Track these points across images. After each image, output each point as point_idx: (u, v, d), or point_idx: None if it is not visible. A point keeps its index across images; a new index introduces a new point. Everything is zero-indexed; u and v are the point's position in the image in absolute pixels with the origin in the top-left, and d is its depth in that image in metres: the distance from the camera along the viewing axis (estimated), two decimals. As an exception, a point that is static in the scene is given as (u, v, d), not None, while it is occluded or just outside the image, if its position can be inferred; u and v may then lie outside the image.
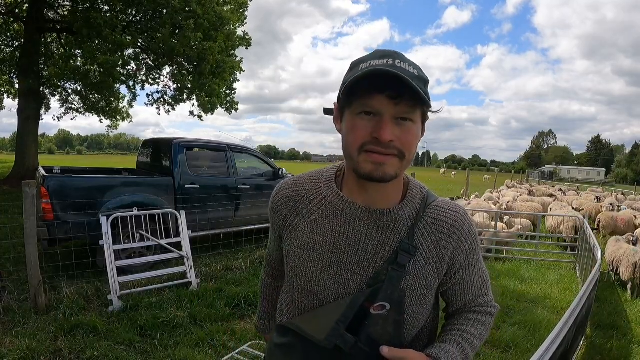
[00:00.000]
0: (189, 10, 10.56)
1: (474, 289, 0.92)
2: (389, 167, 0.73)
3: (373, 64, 0.71)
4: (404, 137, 0.73)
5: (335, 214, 0.83)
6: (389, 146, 0.72)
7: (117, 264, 3.60)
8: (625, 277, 4.60)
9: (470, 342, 0.87)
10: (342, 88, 0.76)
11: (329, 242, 0.82)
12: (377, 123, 0.72)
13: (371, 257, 0.81)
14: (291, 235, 0.88)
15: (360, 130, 0.73)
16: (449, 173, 44.68)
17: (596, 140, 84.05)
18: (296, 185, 0.90)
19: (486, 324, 0.92)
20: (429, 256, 0.82)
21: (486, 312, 0.93)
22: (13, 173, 11.68)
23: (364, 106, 0.72)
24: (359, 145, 0.73)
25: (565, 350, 2.04)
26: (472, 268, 0.89)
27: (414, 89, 0.68)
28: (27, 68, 11.32)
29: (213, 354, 2.81)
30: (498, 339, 3.30)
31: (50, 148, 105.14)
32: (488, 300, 0.94)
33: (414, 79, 0.70)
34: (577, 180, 46.76)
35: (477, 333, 0.89)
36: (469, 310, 0.93)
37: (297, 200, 0.88)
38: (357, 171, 0.76)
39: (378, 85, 0.70)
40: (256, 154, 6.25)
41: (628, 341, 3.47)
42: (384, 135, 0.70)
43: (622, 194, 15.31)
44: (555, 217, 7.12)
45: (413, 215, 0.83)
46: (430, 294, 0.85)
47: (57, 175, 4.62)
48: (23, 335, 2.80)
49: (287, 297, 0.95)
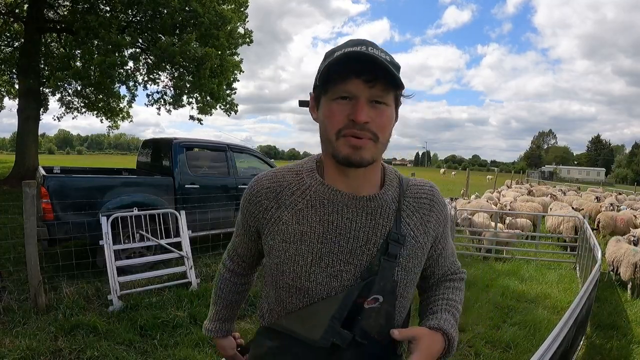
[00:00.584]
0: (189, 10, 10.56)
1: (450, 257, 0.98)
2: (366, 152, 0.75)
3: (347, 51, 0.73)
4: (379, 120, 0.75)
5: (321, 203, 0.81)
6: (364, 128, 0.73)
7: (117, 264, 3.60)
8: (625, 277, 4.60)
9: (456, 308, 0.92)
10: (317, 76, 0.79)
11: (318, 233, 0.80)
12: (353, 106, 0.73)
13: (364, 244, 0.80)
14: (274, 228, 0.83)
15: (338, 114, 0.74)
16: (449, 173, 44.69)
17: (596, 140, 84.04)
18: (276, 176, 0.86)
19: (462, 289, 0.99)
20: (418, 234, 0.85)
21: (460, 279, 1.00)
22: (13, 173, 11.68)
23: (340, 91, 0.74)
24: (336, 130, 0.75)
25: (565, 350, 2.04)
26: (447, 237, 0.95)
27: (389, 71, 0.71)
28: (27, 68, 11.32)
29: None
30: (498, 339, 3.30)
31: (50, 148, 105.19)
32: (458, 266, 1.02)
33: (388, 64, 0.72)
34: (577, 180, 46.74)
35: (458, 299, 0.95)
36: (446, 279, 0.98)
37: (279, 192, 0.84)
38: (335, 155, 0.77)
39: (353, 70, 0.72)
40: (256, 154, 6.25)
41: (628, 341, 3.47)
42: (359, 117, 0.72)
43: (620, 193, 15.30)
44: (555, 217, 7.12)
45: (396, 198, 0.85)
46: (419, 272, 0.88)
47: (57, 175, 4.63)
48: (23, 335, 2.80)
49: (271, 298, 0.90)
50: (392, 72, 0.72)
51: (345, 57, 0.72)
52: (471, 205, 8.38)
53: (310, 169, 0.86)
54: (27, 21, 11.49)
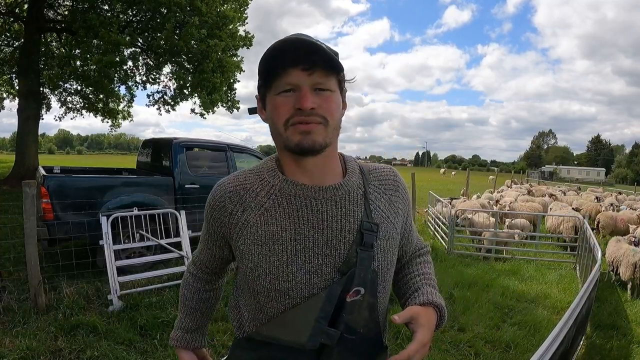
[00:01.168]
0: (192, 8, 10.54)
1: (415, 234, 1.01)
2: (316, 135, 0.75)
3: (278, 42, 0.75)
4: (325, 105, 0.75)
5: (288, 200, 0.79)
6: (311, 113, 0.74)
7: (117, 263, 3.60)
8: (625, 277, 4.60)
9: (433, 280, 0.96)
10: (258, 75, 0.80)
11: (289, 230, 0.78)
12: (297, 96, 0.74)
13: (339, 233, 0.79)
14: (242, 232, 0.81)
15: (283, 106, 0.75)
16: (449, 173, 44.67)
17: (596, 140, 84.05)
18: (238, 179, 0.84)
19: (431, 262, 1.03)
20: (389, 214, 0.87)
21: (427, 252, 1.04)
22: (13, 173, 11.68)
23: (283, 84, 0.75)
24: (284, 121, 0.75)
25: (565, 350, 2.04)
26: (410, 215, 0.98)
27: (324, 53, 0.73)
28: (27, 68, 11.33)
29: (213, 354, 2.81)
30: (498, 339, 3.31)
31: (50, 148, 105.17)
32: (422, 241, 1.06)
33: (320, 44, 0.74)
34: (577, 180, 46.69)
35: (432, 271, 0.99)
36: (415, 255, 1.01)
37: (243, 194, 0.82)
38: (287, 146, 0.77)
39: (291, 59, 0.73)
40: (256, 153, 6.24)
41: (628, 341, 3.47)
42: (304, 103, 0.73)
43: (620, 193, 15.29)
44: (555, 217, 7.12)
45: (361, 184, 0.85)
46: (396, 254, 0.90)
47: (57, 175, 4.63)
48: (23, 335, 2.80)
49: (250, 306, 0.85)
50: (327, 54, 0.73)
51: (279, 47, 0.74)
52: (471, 205, 8.38)
53: (270, 168, 0.84)
54: (27, 21, 11.49)
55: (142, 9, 11.04)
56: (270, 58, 0.75)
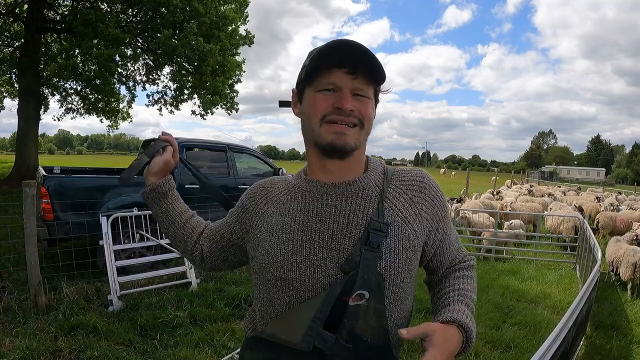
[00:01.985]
0: (190, 9, 10.54)
1: (455, 244, 0.93)
2: (350, 137, 0.78)
3: (330, 43, 0.78)
4: (363, 108, 0.78)
5: (303, 194, 0.85)
6: (350, 115, 0.77)
7: (117, 264, 3.60)
8: (625, 277, 4.61)
9: (469, 297, 0.87)
10: (301, 71, 0.82)
11: (299, 221, 0.82)
12: (338, 96, 0.77)
13: (344, 227, 0.79)
14: (261, 221, 0.88)
15: (322, 102, 0.77)
16: (449, 173, 44.61)
17: (596, 141, 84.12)
18: (272, 180, 0.95)
19: (474, 277, 0.94)
20: (406, 215, 0.81)
21: (469, 266, 0.95)
22: (13, 173, 11.69)
23: (325, 83, 0.77)
24: (320, 117, 0.78)
25: (565, 350, 2.04)
26: (448, 222, 0.91)
27: (371, 58, 0.76)
28: (27, 68, 11.33)
29: (213, 354, 2.81)
30: (498, 339, 3.30)
31: (50, 148, 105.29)
32: (465, 254, 0.97)
33: (368, 51, 0.76)
34: (577, 180, 46.71)
35: (471, 288, 0.90)
36: (454, 269, 0.93)
37: (269, 190, 0.92)
38: (318, 143, 0.80)
39: (338, 60, 0.76)
40: (256, 153, 6.25)
41: (628, 341, 3.47)
42: (345, 105, 0.76)
43: (620, 193, 15.30)
44: (555, 217, 7.12)
45: (380, 183, 0.85)
46: (415, 259, 0.83)
47: (57, 175, 4.63)
48: (23, 335, 2.80)
49: (261, 299, 0.86)
50: (373, 62, 0.76)
51: (330, 47, 0.77)
52: (471, 205, 8.38)
53: (297, 173, 0.92)
54: (27, 21, 11.50)
55: (142, 9, 11.03)
56: (318, 55, 0.77)
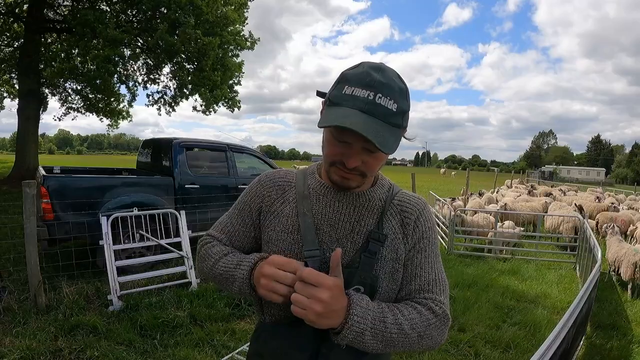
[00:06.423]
0: (192, 7, 10.51)
1: (422, 280, 0.87)
2: (352, 182, 0.86)
3: (355, 93, 0.76)
4: (370, 162, 0.83)
5: (317, 198, 0.91)
6: (352, 171, 0.83)
7: (117, 264, 3.60)
8: (626, 277, 4.61)
9: (395, 314, 0.79)
10: (327, 97, 0.83)
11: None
12: (347, 150, 0.80)
13: (349, 233, 0.88)
14: (275, 220, 0.92)
15: (332, 149, 0.83)
16: (449, 173, 44.60)
17: (596, 140, 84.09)
18: (287, 176, 0.98)
19: (423, 314, 0.82)
20: (397, 232, 0.90)
21: (428, 306, 0.83)
22: (13, 173, 11.69)
23: (339, 135, 0.79)
24: (330, 161, 0.85)
25: (565, 350, 2.04)
26: (424, 254, 0.89)
27: (385, 137, 0.75)
28: (27, 68, 11.33)
29: (213, 354, 2.81)
30: (498, 339, 3.31)
31: (50, 148, 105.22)
32: (436, 298, 0.85)
33: (390, 117, 0.76)
34: (577, 180, 46.70)
35: (407, 314, 0.80)
36: (410, 299, 0.86)
37: (286, 190, 0.95)
38: (327, 173, 0.88)
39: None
40: (256, 153, 6.25)
41: (628, 341, 3.47)
42: (349, 164, 0.81)
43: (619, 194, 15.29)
44: (555, 217, 7.12)
45: (384, 198, 0.93)
46: (400, 271, 0.88)
47: (57, 175, 4.63)
48: (23, 335, 2.80)
49: None
50: (386, 138, 0.75)
51: (341, 127, 0.74)
52: (471, 205, 8.38)
53: (312, 171, 0.98)
54: (27, 21, 11.50)
55: (141, 9, 11.02)
56: (342, 100, 0.77)
